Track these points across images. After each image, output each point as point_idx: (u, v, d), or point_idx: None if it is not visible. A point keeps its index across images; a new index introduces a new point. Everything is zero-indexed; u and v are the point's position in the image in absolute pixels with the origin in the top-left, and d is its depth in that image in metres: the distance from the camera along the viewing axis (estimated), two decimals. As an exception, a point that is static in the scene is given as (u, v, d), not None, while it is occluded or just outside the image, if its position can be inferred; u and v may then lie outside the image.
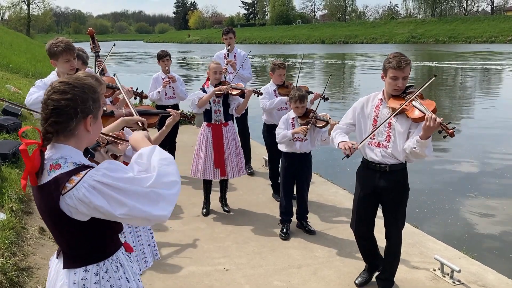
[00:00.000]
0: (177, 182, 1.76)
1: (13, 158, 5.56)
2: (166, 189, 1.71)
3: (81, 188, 1.64)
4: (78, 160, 1.73)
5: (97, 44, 5.14)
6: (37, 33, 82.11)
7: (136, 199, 1.66)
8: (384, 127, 3.34)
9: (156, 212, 1.68)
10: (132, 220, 1.71)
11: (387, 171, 3.39)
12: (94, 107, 1.79)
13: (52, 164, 1.71)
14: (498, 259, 5.07)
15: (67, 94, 1.72)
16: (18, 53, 22.67)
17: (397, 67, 3.18)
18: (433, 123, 3.00)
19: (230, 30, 6.83)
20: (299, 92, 4.58)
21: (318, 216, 5.23)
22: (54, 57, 3.66)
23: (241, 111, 5.34)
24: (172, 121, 3.07)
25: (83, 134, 1.78)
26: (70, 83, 1.75)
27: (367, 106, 3.46)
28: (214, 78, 5.20)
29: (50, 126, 1.71)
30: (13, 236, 3.80)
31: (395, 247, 3.60)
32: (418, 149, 3.14)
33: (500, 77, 23.32)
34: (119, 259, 1.89)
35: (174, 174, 1.76)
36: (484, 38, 55.95)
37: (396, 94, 3.29)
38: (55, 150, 1.74)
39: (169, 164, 1.77)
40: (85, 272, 1.79)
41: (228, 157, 5.19)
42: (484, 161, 8.87)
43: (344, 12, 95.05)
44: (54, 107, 1.71)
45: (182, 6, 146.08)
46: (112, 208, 1.65)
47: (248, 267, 4.13)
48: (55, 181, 1.67)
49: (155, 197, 1.68)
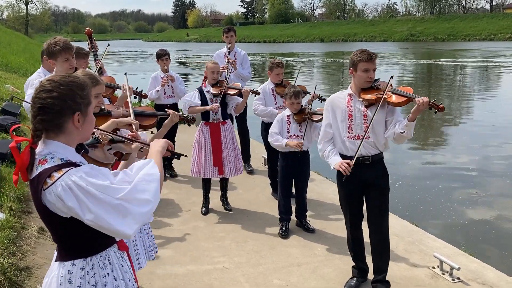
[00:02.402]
0: (150, 201, 1.74)
1: (11, 158, 5.56)
2: (137, 206, 1.70)
3: (59, 186, 1.66)
4: (65, 156, 1.75)
5: (95, 43, 5.14)
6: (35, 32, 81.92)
7: (103, 208, 1.66)
8: (360, 120, 3.47)
9: (119, 227, 1.68)
10: (100, 228, 1.70)
11: (370, 162, 3.49)
12: (82, 104, 1.80)
13: (40, 159, 1.74)
14: (498, 256, 5.07)
15: (53, 92, 1.75)
16: (16, 53, 22.64)
17: (368, 59, 3.37)
18: (424, 103, 3.20)
19: (231, 28, 6.82)
20: (294, 89, 4.64)
21: (318, 214, 5.23)
22: (52, 57, 3.65)
23: (240, 111, 5.34)
24: (170, 122, 3.06)
25: (72, 131, 1.80)
26: (56, 81, 1.78)
27: (338, 104, 3.57)
28: (211, 78, 5.19)
29: (39, 124, 1.75)
30: (12, 236, 3.79)
31: (385, 241, 3.58)
32: (405, 132, 3.31)
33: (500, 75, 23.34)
34: (108, 256, 1.88)
35: (151, 192, 1.75)
36: (483, 35, 55.94)
37: (368, 86, 3.45)
38: (44, 146, 1.77)
39: (151, 181, 1.77)
40: (72, 266, 1.81)
41: (226, 155, 5.19)
42: (484, 159, 8.87)
43: (343, 10, 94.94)
44: (41, 105, 1.74)
45: (181, 5, 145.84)
46: (81, 212, 1.66)
47: (247, 266, 4.12)
48: (39, 176, 1.71)
49: (123, 210, 1.68)
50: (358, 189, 3.58)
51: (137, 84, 4.78)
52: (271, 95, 5.54)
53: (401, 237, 4.56)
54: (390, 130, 3.41)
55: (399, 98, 3.35)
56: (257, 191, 6.05)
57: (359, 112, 3.47)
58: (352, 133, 3.50)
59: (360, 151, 3.42)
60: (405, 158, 8.94)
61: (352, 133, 3.50)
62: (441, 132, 11.49)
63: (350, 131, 3.50)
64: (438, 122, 12.07)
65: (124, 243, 2.00)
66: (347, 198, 3.66)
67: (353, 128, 3.50)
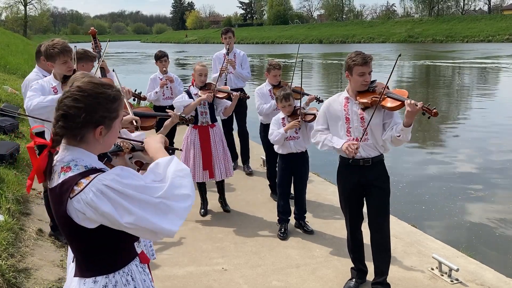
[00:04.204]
0: (189, 196, 1.69)
1: (10, 159, 5.55)
2: (177, 202, 1.65)
3: (89, 192, 1.59)
4: (89, 163, 1.69)
5: (99, 44, 5.13)
6: (34, 33, 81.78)
7: (144, 208, 1.60)
8: (358, 123, 3.46)
9: (164, 225, 1.62)
10: (139, 231, 1.65)
11: (370, 164, 3.48)
12: (107, 118, 1.72)
13: (63, 166, 1.67)
14: (497, 257, 5.07)
15: (79, 102, 1.67)
16: (15, 54, 22.60)
17: (363, 63, 3.34)
18: (414, 108, 3.15)
19: (229, 30, 6.82)
20: (283, 92, 4.66)
21: (316, 215, 5.23)
22: (50, 59, 3.63)
23: (228, 114, 5.34)
24: (170, 122, 3.06)
25: (93, 142, 1.73)
26: (85, 91, 1.69)
27: (335, 107, 3.56)
28: (199, 81, 5.16)
29: (59, 129, 1.68)
30: (10, 238, 3.79)
31: (385, 243, 3.57)
32: (402, 136, 3.28)
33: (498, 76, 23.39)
34: (131, 272, 1.80)
35: (188, 187, 1.70)
36: (481, 37, 56.03)
37: (364, 90, 3.43)
38: (67, 152, 1.70)
39: (184, 176, 1.71)
40: (94, 284, 1.73)
41: (215, 158, 5.15)
42: (483, 160, 8.88)
43: (342, 11, 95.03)
44: (64, 112, 1.67)
45: (180, 6, 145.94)
46: (118, 216, 1.59)
47: (246, 267, 4.12)
48: (64, 183, 1.63)
49: (164, 208, 1.63)
50: (358, 190, 3.58)
51: (135, 86, 4.78)
52: (269, 96, 5.55)
53: (399, 238, 4.57)
54: (388, 132, 3.40)
55: (393, 102, 3.33)
56: (256, 192, 6.05)
57: (356, 115, 3.46)
58: (350, 136, 3.50)
59: (360, 153, 3.42)
60: (403, 159, 8.95)
61: (350, 136, 3.50)
62: (440, 133, 11.50)
63: (349, 134, 3.50)
64: (437, 123, 12.09)
65: (145, 256, 1.93)
66: (347, 199, 3.66)
67: (351, 131, 3.49)
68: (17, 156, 5.78)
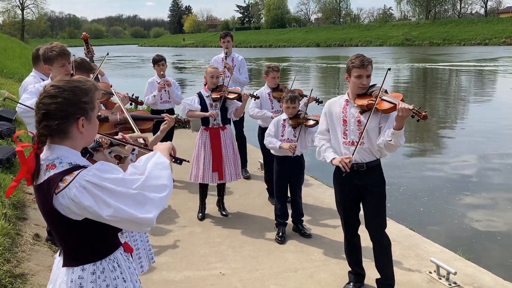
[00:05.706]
0: (167, 186, 1.77)
1: (7, 164, 5.53)
2: (154, 192, 1.73)
3: (73, 188, 1.67)
4: (73, 160, 1.76)
5: (91, 49, 5.14)
6: (31, 38, 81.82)
7: (122, 200, 1.68)
8: (354, 126, 3.46)
9: (142, 215, 1.69)
10: (120, 223, 1.73)
11: (364, 169, 3.47)
12: (86, 109, 1.81)
13: (48, 164, 1.75)
14: (494, 261, 5.07)
15: (57, 98, 1.75)
16: (12, 58, 22.58)
17: (361, 65, 3.36)
18: (405, 110, 3.13)
19: (227, 33, 6.83)
20: (291, 93, 4.68)
21: (314, 219, 5.22)
22: (48, 62, 3.64)
23: (240, 115, 5.36)
24: (166, 126, 3.06)
25: (77, 135, 1.80)
26: (60, 87, 1.78)
27: (334, 109, 3.57)
28: (211, 83, 5.21)
29: (43, 129, 1.75)
30: (7, 243, 3.77)
31: (383, 245, 3.57)
32: (393, 140, 3.25)
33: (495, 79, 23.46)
34: (116, 259, 1.90)
35: (165, 178, 1.78)
36: (478, 40, 56.28)
37: (362, 93, 3.44)
38: (51, 151, 1.78)
39: (163, 168, 1.80)
40: (82, 271, 1.81)
41: (226, 160, 5.20)
42: (480, 163, 8.89)
43: (339, 15, 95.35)
44: (45, 111, 1.75)
45: (177, 10, 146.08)
46: (99, 209, 1.67)
47: (244, 271, 4.11)
48: (49, 181, 1.71)
49: (141, 199, 1.70)
50: (354, 194, 3.58)
51: (132, 90, 4.77)
52: (268, 100, 5.56)
53: (397, 242, 4.56)
54: (381, 137, 3.37)
55: (388, 105, 3.33)
56: (254, 196, 6.04)
57: (353, 118, 3.47)
58: (346, 139, 3.50)
59: (354, 158, 3.42)
60: (400, 162, 8.95)
61: (346, 139, 3.50)
62: (438, 136, 11.52)
63: (345, 136, 3.51)
64: (435, 126, 12.12)
65: (129, 246, 2.02)
66: (343, 203, 3.66)
67: (347, 133, 3.50)
68: (13, 160, 5.76)
